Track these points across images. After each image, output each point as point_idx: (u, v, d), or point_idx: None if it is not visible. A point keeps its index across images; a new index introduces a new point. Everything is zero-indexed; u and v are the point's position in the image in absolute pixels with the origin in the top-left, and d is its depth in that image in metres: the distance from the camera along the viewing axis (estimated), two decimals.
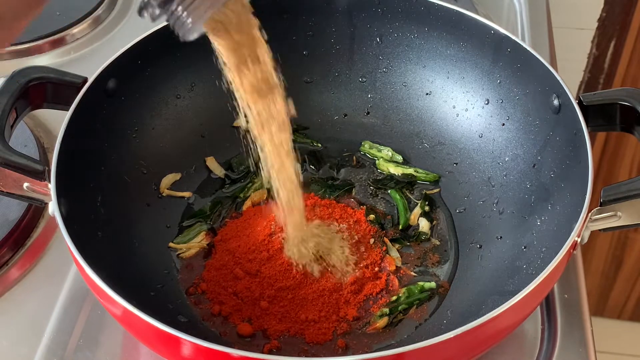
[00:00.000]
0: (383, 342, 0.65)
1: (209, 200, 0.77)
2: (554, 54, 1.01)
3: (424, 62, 0.82)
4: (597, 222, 0.62)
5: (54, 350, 0.66)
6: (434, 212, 0.76)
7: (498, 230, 0.72)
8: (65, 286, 0.71)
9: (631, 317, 1.72)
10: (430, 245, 0.74)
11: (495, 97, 0.77)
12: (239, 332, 0.65)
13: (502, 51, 0.75)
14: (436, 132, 0.81)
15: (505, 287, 0.65)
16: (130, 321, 0.55)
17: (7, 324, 0.68)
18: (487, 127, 0.78)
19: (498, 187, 0.75)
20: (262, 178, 0.66)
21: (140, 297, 0.57)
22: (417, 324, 0.67)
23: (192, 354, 0.53)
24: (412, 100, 0.83)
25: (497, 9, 1.07)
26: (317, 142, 0.83)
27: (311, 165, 0.81)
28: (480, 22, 0.76)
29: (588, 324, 0.69)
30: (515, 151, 0.75)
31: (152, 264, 0.70)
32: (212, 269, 0.70)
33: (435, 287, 0.69)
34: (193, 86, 0.80)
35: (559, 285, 0.72)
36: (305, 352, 0.64)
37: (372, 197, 0.78)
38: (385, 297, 0.68)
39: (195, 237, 0.73)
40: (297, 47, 0.83)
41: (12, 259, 0.73)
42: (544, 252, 0.64)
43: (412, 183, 0.79)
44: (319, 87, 0.85)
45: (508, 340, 0.67)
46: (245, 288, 0.67)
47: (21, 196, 0.63)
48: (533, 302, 0.58)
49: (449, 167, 0.79)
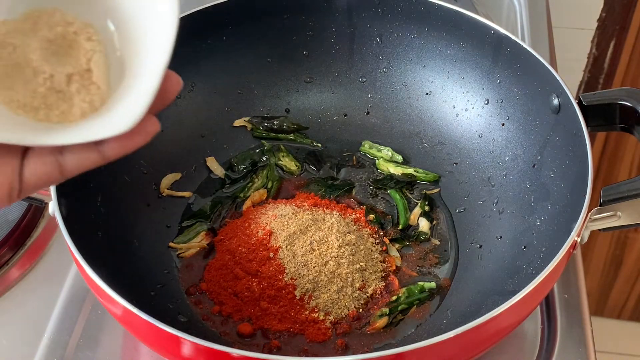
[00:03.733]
0: (383, 342, 0.65)
1: (209, 200, 0.77)
2: (554, 54, 1.01)
3: (424, 62, 0.82)
4: (597, 222, 0.62)
5: (54, 350, 0.66)
6: (434, 212, 0.76)
7: (498, 230, 0.72)
8: (65, 286, 0.71)
9: (631, 317, 1.72)
10: (430, 245, 0.74)
11: (495, 97, 0.77)
12: (239, 332, 0.65)
13: (502, 51, 0.75)
14: (436, 132, 0.81)
15: (505, 287, 0.65)
16: (130, 321, 0.55)
17: (7, 324, 0.68)
18: (487, 127, 0.78)
19: (498, 187, 0.75)
20: (262, 178, 0.66)
21: (140, 297, 0.58)
22: (417, 323, 0.67)
23: (192, 353, 0.53)
24: (412, 100, 0.83)
25: (497, 9, 1.07)
26: (317, 142, 0.83)
27: (311, 165, 0.81)
28: (480, 22, 0.76)
29: (588, 323, 0.69)
30: (515, 151, 0.75)
31: (152, 263, 0.70)
32: (212, 268, 0.70)
33: (435, 287, 0.69)
34: (193, 86, 0.80)
35: (559, 285, 0.72)
36: (305, 351, 0.64)
37: (372, 197, 0.78)
38: (385, 297, 0.68)
39: (195, 237, 0.73)
40: (297, 47, 0.83)
41: (12, 259, 0.73)
42: (543, 252, 0.64)
43: (412, 183, 0.79)
44: (319, 87, 0.85)
45: (508, 340, 0.67)
46: (245, 288, 0.67)
47: None
48: (533, 302, 0.58)
49: (449, 167, 0.79)
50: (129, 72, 0.45)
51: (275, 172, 0.80)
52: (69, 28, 0.44)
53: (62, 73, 0.43)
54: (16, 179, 0.41)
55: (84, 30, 0.45)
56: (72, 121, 0.43)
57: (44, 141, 0.41)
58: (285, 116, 0.84)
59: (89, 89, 0.44)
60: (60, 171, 0.42)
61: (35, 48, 0.43)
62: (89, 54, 0.44)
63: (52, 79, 0.43)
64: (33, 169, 0.41)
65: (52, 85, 0.43)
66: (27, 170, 0.41)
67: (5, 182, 0.41)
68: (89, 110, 0.43)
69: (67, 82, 0.43)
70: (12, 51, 0.43)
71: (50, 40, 0.44)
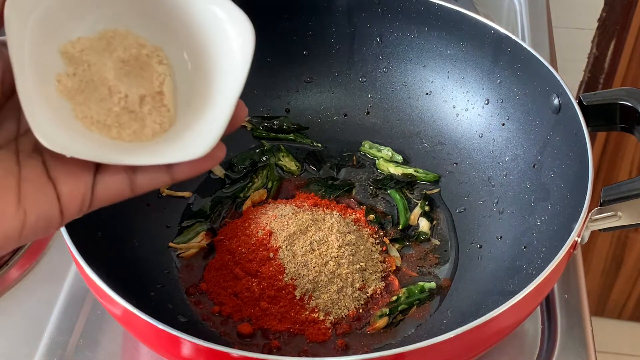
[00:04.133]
0: (383, 342, 0.65)
1: (208, 200, 0.77)
2: (554, 53, 1.01)
3: (424, 62, 0.82)
4: (597, 222, 0.62)
5: (54, 350, 0.66)
6: (434, 212, 0.76)
7: (498, 230, 0.72)
8: (65, 286, 0.71)
9: (631, 317, 1.72)
10: (430, 245, 0.74)
11: (495, 97, 0.77)
12: (238, 332, 0.65)
13: (502, 51, 0.75)
14: (436, 132, 0.81)
15: (505, 287, 0.65)
16: (130, 321, 0.55)
17: (7, 324, 0.68)
18: (487, 127, 0.78)
19: (498, 187, 0.75)
20: (262, 178, 0.66)
21: (140, 297, 0.58)
22: (417, 324, 0.67)
23: (192, 353, 0.53)
24: (412, 100, 0.83)
25: (497, 8, 1.07)
26: (317, 142, 0.83)
27: (311, 166, 0.81)
28: (481, 22, 0.76)
29: (588, 323, 0.69)
30: (515, 151, 0.75)
31: (152, 264, 0.70)
32: (212, 269, 0.70)
33: (435, 287, 0.69)
34: None
35: (559, 285, 0.72)
36: (305, 352, 0.64)
37: (372, 197, 0.78)
38: (386, 297, 0.68)
39: (195, 237, 0.73)
40: (297, 47, 0.83)
41: (12, 259, 0.73)
42: (544, 252, 0.64)
43: (412, 183, 0.79)
44: (319, 87, 0.85)
45: (508, 340, 0.67)
46: (245, 288, 0.67)
47: None
48: (533, 302, 0.58)
49: (449, 167, 0.79)
50: (198, 99, 0.47)
51: (275, 172, 0.80)
52: (142, 50, 0.46)
53: (135, 94, 0.45)
54: (88, 194, 0.42)
55: (155, 53, 0.47)
56: (143, 141, 0.45)
57: (126, 161, 0.42)
58: (285, 116, 0.84)
59: (160, 110, 0.46)
60: (131, 189, 0.44)
61: (110, 67, 0.45)
62: (161, 77, 0.46)
63: (127, 99, 0.45)
64: (106, 185, 0.43)
65: (126, 105, 0.45)
66: (100, 185, 0.43)
67: (79, 196, 0.42)
68: (158, 132, 0.45)
69: (140, 103, 0.45)
70: (86, 68, 0.44)
71: (124, 61, 0.46)
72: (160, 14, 0.47)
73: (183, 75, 0.47)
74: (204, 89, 0.47)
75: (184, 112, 0.47)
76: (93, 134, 0.44)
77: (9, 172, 0.41)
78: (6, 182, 0.40)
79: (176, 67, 0.47)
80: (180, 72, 0.47)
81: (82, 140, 0.43)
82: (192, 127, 0.46)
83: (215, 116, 0.45)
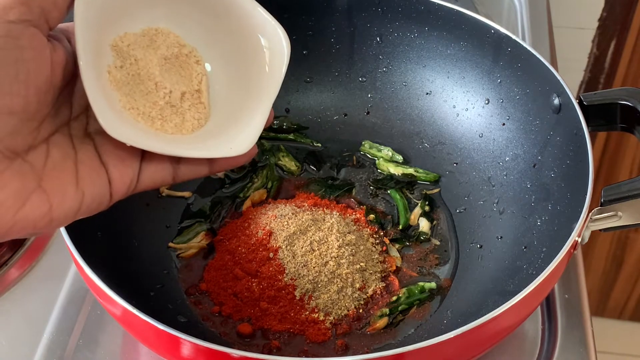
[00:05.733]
0: (383, 342, 0.65)
1: (208, 200, 0.77)
2: (555, 53, 1.01)
3: (424, 62, 0.82)
4: (598, 222, 0.62)
5: (53, 350, 0.66)
6: (434, 212, 0.76)
7: (498, 230, 0.72)
8: (65, 286, 0.71)
9: (632, 317, 1.72)
10: (431, 246, 0.74)
11: (495, 96, 0.77)
12: (238, 332, 0.65)
13: (502, 51, 0.75)
14: (436, 131, 0.81)
15: (505, 287, 0.65)
16: (130, 321, 0.55)
17: (7, 324, 0.68)
18: (487, 127, 0.78)
19: (498, 187, 0.75)
20: (262, 178, 0.66)
21: (140, 297, 0.58)
22: (417, 324, 0.67)
23: (191, 354, 0.53)
24: (412, 100, 0.83)
25: (498, 8, 1.07)
26: (317, 142, 0.83)
27: (311, 165, 0.81)
28: (481, 22, 0.76)
29: (588, 324, 0.69)
30: (515, 151, 0.74)
31: (151, 264, 0.70)
32: (212, 269, 0.70)
33: (435, 287, 0.69)
34: None
35: (560, 285, 0.72)
36: (305, 352, 0.64)
37: (372, 197, 0.78)
38: (386, 298, 0.68)
39: (194, 237, 0.73)
40: (297, 46, 0.83)
41: (12, 259, 0.73)
42: (544, 252, 0.64)
43: (412, 183, 0.79)
44: (319, 87, 0.85)
45: (508, 340, 0.67)
46: (245, 288, 0.67)
47: None
48: (533, 302, 0.58)
49: (449, 167, 0.79)
50: (230, 100, 0.51)
51: (275, 172, 0.80)
52: (183, 50, 0.50)
53: (178, 90, 0.49)
54: (135, 178, 0.46)
55: (193, 54, 0.51)
56: (184, 134, 0.49)
57: (181, 152, 0.46)
58: (285, 116, 0.84)
59: (197, 107, 0.50)
60: (173, 177, 0.47)
61: (155, 64, 0.48)
62: (199, 76, 0.50)
63: (171, 94, 0.48)
64: (151, 172, 0.46)
65: (169, 100, 0.48)
66: (145, 172, 0.46)
67: (127, 181, 0.45)
68: (196, 127, 0.49)
69: (181, 99, 0.49)
70: (133, 62, 0.47)
71: (166, 58, 0.49)
72: (205, 19, 0.51)
73: (215, 77, 0.51)
74: (238, 91, 0.51)
75: (216, 111, 0.51)
76: (139, 124, 0.46)
77: (67, 155, 0.43)
78: (66, 165, 0.43)
79: (211, 69, 0.51)
80: (214, 74, 0.51)
81: (135, 131, 0.45)
82: (228, 126, 0.50)
83: (254, 117, 0.50)
